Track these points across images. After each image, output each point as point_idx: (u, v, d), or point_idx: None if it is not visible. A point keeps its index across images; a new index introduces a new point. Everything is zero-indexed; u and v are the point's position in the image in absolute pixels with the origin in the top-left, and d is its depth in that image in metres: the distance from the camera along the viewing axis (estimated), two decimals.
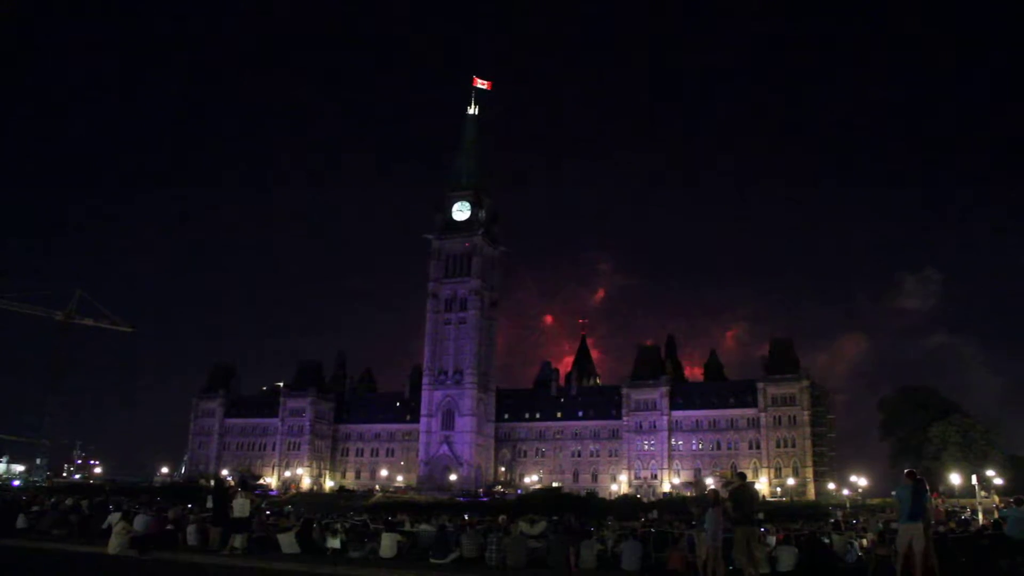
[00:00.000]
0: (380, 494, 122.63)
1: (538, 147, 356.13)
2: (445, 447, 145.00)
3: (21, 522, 33.51)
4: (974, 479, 76.88)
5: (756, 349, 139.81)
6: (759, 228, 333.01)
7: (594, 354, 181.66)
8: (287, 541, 27.07)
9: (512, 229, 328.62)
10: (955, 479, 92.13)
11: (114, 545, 25.74)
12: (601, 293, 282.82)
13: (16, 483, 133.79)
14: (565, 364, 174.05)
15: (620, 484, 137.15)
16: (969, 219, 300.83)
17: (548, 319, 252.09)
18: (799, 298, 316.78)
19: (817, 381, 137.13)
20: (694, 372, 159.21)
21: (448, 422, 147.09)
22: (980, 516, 61.43)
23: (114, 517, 28.65)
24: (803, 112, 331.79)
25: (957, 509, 70.66)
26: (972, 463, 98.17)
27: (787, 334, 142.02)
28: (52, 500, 45.05)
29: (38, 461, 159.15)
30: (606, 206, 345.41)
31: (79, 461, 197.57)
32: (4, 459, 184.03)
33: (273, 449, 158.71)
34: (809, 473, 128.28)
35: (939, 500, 73.65)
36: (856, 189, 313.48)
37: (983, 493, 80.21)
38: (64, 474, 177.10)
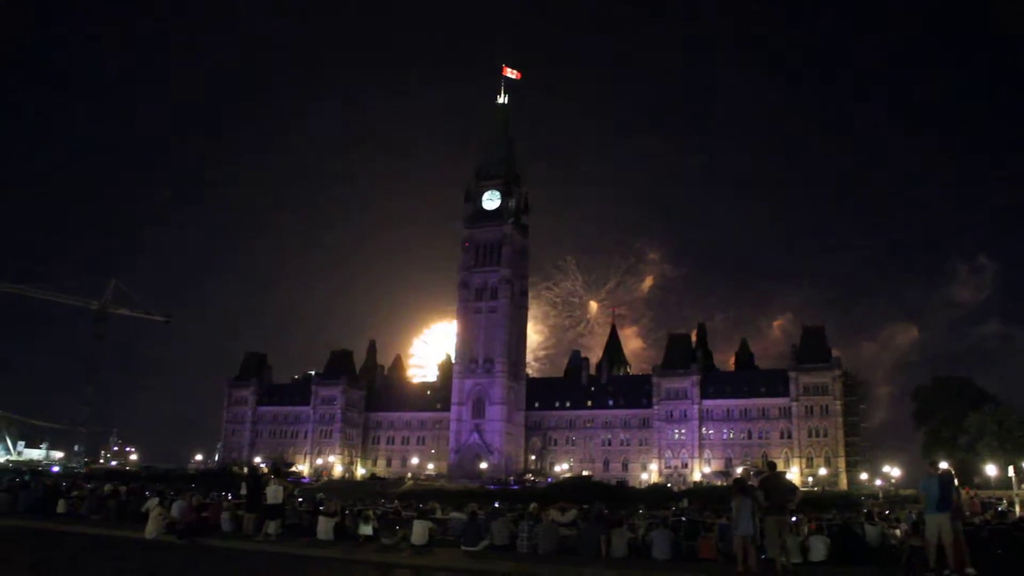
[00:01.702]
0: (411, 482, 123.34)
1: (586, 135, 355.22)
2: (475, 435, 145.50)
3: (61, 507, 34.23)
4: (1011, 470, 75.85)
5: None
6: (809, 218, 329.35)
7: (637, 344, 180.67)
8: (325, 527, 27.37)
9: (559, 218, 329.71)
10: (991, 470, 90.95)
11: (151, 530, 26.20)
12: (649, 282, 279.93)
13: (55, 469, 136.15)
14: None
15: (650, 473, 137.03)
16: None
17: (593, 306, 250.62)
18: (849, 288, 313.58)
19: (863, 371, 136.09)
20: (728, 361, 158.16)
21: (478, 410, 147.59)
22: (1017, 508, 60.71)
23: (152, 503, 29.12)
24: (855, 101, 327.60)
25: (993, 501, 69.69)
26: (1009, 454, 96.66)
27: (834, 324, 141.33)
28: (91, 486, 45.85)
29: (76, 447, 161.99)
30: (656, 196, 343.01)
31: (115, 448, 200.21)
32: (43, 445, 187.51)
33: (305, 437, 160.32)
34: (841, 463, 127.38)
35: (972, 492, 72.54)
36: (909, 177, 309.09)
37: (1022, 485, 79.15)
38: (101, 460, 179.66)
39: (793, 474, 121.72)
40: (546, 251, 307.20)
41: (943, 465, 21.38)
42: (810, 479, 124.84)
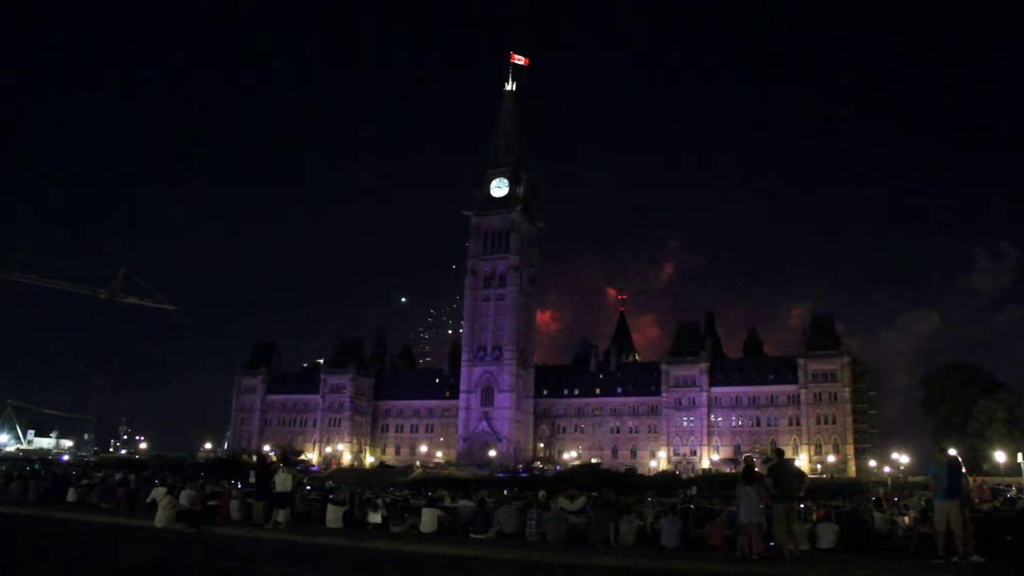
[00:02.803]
0: (420, 470, 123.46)
1: (609, 122, 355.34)
2: (484, 423, 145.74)
3: (72, 495, 34.37)
4: (1020, 457, 75.71)
5: None
6: (829, 206, 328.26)
7: (654, 331, 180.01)
8: (334, 515, 27.44)
9: (576, 206, 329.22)
10: (1000, 457, 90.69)
11: (161, 518, 26.26)
12: (669, 270, 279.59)
13: (65, 458, 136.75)
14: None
15: (659, 460, 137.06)
16: None
17: (612, 293, 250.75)
18: (868, 276, 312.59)
19: (882, 359, 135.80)
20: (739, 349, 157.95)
21: (487, 398, 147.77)
22: None
23: (158, 492, 29.20)
24: (874, 89, 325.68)
25: (1002, 488, 69.54)
26: (1018, 441, 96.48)
27: (853, 312, 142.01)
28: (101, 474, 46.06)
29: (86, 436, 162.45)
30: (676, 185, 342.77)
31: (125, 437, 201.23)
32: (53, 434, 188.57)
33: (314, 425, 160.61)
34: (850, 450, 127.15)
35: (980, 480, 72.39)
36: (930, 163, 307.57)
37: None
38: (111, 449, 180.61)
39: (802, 461, 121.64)
40: (563, 240, 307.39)
41: (951, 452, 21.32)
42: (818, 466, 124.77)
